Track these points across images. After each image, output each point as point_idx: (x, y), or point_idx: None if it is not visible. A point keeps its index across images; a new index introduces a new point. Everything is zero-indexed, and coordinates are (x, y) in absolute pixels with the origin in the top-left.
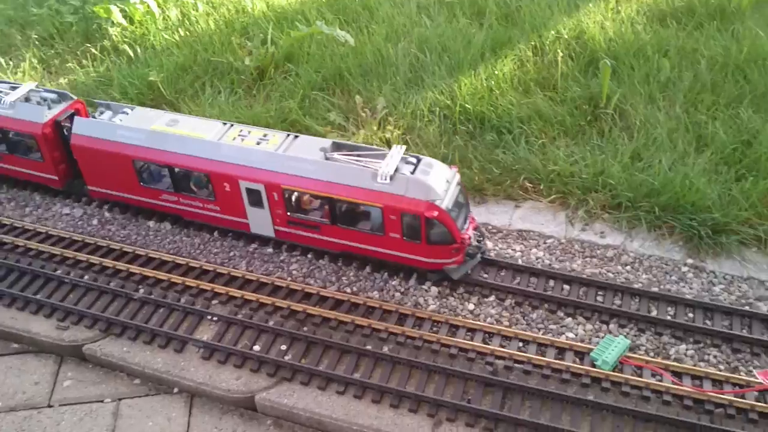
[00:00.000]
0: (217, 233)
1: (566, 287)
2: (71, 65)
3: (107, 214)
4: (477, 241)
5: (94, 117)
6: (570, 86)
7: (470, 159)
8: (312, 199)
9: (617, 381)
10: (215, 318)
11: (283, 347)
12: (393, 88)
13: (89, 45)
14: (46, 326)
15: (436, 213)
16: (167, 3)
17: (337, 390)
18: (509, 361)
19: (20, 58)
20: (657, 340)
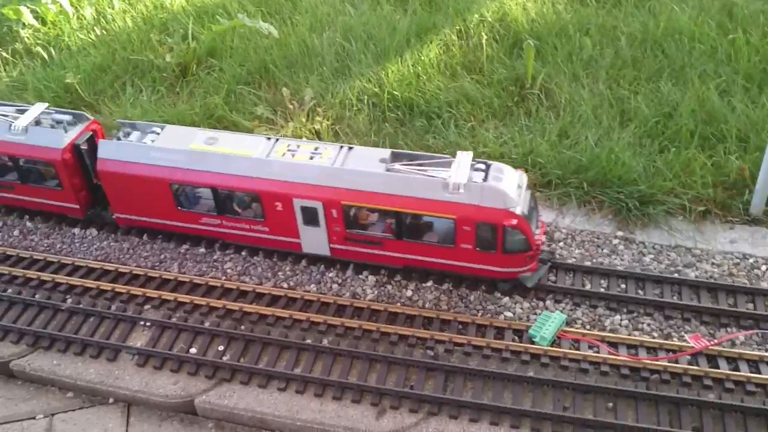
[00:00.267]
0: (146, 236)
1: None
2: None
3: (29, 224)
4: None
5: (119, 138)
6: (496, 68)
7: (401, 146)
8: (370, 214)
9: (556, 356)
10: (148, 323)
11: (221, 348)
12: (320, 79)
13: (0, 49)
14: None
15: (515, 221)
16: (81, 2)
17: (278, 387)
18: (449, 345)
19: None
20: (592, 313)
